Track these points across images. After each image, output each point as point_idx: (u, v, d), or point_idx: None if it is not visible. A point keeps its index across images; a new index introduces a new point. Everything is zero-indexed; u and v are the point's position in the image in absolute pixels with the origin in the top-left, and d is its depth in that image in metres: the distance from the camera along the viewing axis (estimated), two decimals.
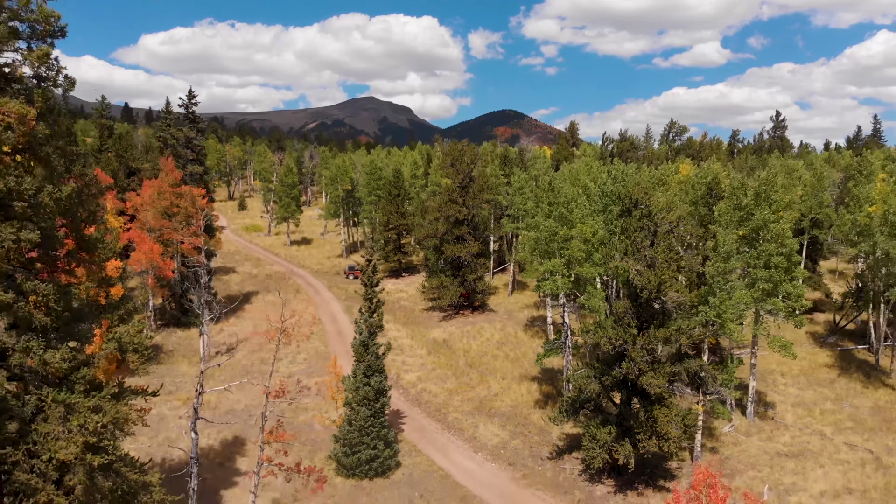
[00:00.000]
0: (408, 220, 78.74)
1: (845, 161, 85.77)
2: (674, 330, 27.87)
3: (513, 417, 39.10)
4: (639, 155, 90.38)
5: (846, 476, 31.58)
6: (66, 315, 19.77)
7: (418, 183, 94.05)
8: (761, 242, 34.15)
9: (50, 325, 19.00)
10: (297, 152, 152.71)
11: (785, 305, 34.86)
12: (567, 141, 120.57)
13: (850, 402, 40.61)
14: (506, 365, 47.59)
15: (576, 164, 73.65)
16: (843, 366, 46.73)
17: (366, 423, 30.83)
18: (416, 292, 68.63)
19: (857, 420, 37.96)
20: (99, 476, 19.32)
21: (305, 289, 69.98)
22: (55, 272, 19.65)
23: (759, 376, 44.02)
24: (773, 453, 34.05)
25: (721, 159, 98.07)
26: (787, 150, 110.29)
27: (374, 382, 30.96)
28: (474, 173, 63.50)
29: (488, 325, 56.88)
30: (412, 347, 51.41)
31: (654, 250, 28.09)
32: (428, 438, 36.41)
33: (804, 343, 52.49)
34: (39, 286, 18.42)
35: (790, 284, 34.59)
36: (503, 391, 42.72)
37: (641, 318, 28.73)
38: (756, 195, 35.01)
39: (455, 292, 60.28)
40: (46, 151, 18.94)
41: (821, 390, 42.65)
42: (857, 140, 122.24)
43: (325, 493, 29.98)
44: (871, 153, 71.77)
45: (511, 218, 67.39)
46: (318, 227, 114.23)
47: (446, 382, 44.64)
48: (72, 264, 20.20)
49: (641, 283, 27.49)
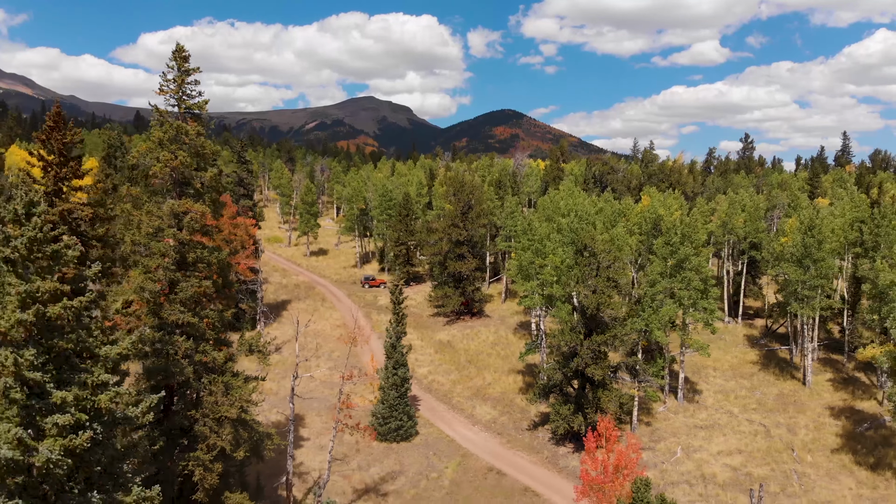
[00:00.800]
0: (415, 236, 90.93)
1: (798, 183, 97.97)
2: (610, 336, 40.10)
3: (501, 401, 51.39)
4: (618, 177, 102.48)
5: (740, 442, 43.80)
6: (220, 328, 32.02)
7: (423, 200, 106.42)
8: (684, 270, 46.28)
9: (213, 336, 31.24)
10: (309, 165, 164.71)
11: (702, 316, 47.02)
12: (557, 159, 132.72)
13: (762, 391, 52.87)
14: (497, 361, 59.86)
15: (560, 190, 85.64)
16: (765, 362, 58.95)
17: (394, 402, 43.09)
18: (423, 300, 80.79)
19: (762, 403, 50.20)
20: (241, 428, 31.51)
21: (329, 298, 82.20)
22: (215, 301, 31.88)
23: (696, 370, 56.28)
24: (691, 426, 46.29)
25: (694, 181, 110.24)
26: (754, 170, 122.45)
27: (401, 373, 43.21)
28: (472, 202, 75.66)
29: (484, 329, 69.15)
30: (423, 347, 63.66)
31: (597, 280, 40.30)
32: (438, 415, 48.70)
33: (740, 344, 64.73)
34: (210, 312, 30.67)
35: (705, 301, 46.72)
36: (495, 381, 54.99)
37: (588, 328, 40.95)
38: (682, 235, 47.17)
39: (456, 301, 72.52)
40: (210, 230, 31.18)
41: (741, 381, 54.92)
42: (821, 159, 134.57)
43: (367, 452, 42.30)
44: (825, 174, 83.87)
45: (504, 237, 79.65)
46: (332, 238, 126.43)
47: (450, 375, 56.94)
48: (222, 297, 32.45)
49: (587, 303, 39.71)
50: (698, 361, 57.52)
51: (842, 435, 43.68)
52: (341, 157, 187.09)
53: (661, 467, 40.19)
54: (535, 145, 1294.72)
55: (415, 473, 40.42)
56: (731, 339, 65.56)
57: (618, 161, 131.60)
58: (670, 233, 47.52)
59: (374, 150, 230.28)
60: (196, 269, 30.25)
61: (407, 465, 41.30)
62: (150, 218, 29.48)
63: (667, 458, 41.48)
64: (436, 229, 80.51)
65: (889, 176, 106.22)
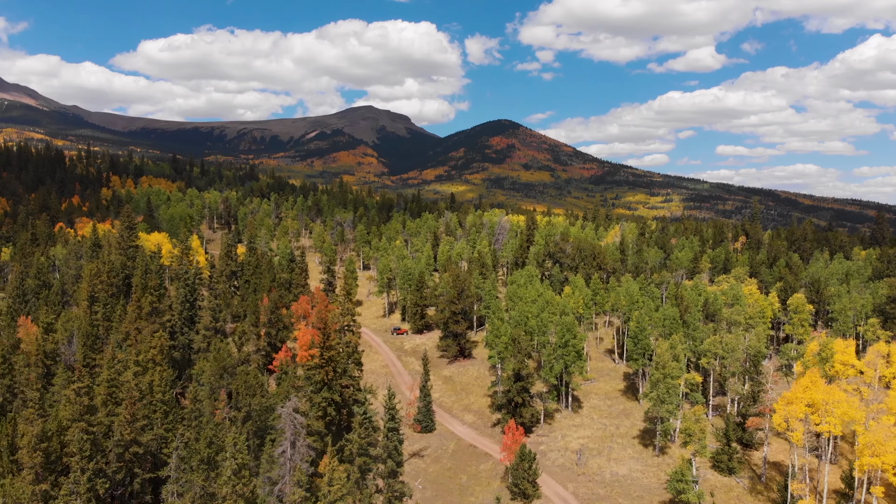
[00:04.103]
0: (427, 299, 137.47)
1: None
2: (527, 382, 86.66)
3: (478, 412, 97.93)
4: (567, 253, 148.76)
5: (590, 431, 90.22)
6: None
7: (430, 269, 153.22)
8: (567, 345, 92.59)
9: (338, 419, 77.62)
10: (340, 226, 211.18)
11: (577, 367, 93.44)
12: (531, 227, 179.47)
13: (615, 407, 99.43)
14: (478, 389, 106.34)
15: (522, 273, 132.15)
16: (625, 390, 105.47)
17: (425, 412, 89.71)
18: (433, 345, 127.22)
19: (611, 413, 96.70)
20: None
21: (374, 345, 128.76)
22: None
23: (585, 394, 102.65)
24: (570, 424, 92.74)
25: (623, 253, 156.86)
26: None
27: (427, 399, 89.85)
28: (464, 287, 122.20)
29: (472, 368, 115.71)
30: (434, 381, 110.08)
31: (520, 355, 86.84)
32: (445, 419, 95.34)
33: (618, 378, 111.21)
34: (329, 408, 77.12)
35: (580, 361, 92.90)
36: (475, 401, 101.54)
37: (517, 375, 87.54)
38: (572, 333, 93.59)
39: (454, 349, 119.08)
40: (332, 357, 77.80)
41: (607, 401, 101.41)
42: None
43: (413, 437, 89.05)
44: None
45: (484, 306, 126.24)
46: (363, 287, 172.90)
47: (451, 397, 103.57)
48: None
49: (514, 366, 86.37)
50: (589, 389, 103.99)
51: (641, 430, 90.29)
52: (360, 212, 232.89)
53: (547, 444, 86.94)
54: (530, 155, 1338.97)
55: (435, 447, 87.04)
56: (614, 375, 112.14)
57: (576, 221, 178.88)
58: (563, 330, 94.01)
59: (383, 200, 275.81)
60: (329, 387, 76.57)
61: (431, 443, 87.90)
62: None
63: (552, 439, 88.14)
64: (440, 303, 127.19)
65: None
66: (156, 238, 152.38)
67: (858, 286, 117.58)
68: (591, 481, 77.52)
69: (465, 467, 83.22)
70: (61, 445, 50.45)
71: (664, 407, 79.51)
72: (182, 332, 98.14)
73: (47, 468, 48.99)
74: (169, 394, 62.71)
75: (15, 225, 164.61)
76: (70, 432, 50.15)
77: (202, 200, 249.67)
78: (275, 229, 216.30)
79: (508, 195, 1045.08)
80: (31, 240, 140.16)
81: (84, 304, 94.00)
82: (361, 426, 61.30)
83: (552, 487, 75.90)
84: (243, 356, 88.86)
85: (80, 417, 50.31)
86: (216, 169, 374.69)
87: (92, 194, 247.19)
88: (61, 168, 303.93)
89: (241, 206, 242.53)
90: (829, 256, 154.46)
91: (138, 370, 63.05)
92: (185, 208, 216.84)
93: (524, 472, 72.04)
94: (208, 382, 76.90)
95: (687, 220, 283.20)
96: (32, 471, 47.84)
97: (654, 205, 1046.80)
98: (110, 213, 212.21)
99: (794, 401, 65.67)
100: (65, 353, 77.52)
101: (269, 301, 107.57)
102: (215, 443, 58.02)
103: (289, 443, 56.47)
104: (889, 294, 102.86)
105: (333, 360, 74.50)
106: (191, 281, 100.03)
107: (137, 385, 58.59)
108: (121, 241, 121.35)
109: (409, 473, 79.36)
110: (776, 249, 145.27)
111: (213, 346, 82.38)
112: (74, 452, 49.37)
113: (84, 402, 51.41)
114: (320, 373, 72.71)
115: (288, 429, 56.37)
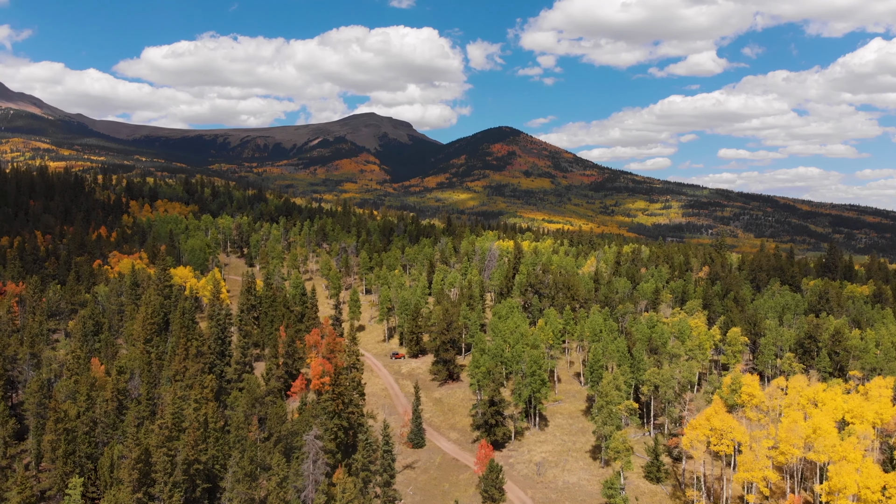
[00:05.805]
0: (422, 328, 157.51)
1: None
2: (501, 406, 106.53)
3: (462, 430, 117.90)
4: (547, 284, 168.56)
5: (552, 446, 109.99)
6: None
7: (425, 297, 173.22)
8: (534, 374, 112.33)
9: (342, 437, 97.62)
10: (345, 252, 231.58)
11: (543, 394, 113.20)
12: (516, 258, 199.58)
13: (575, 424, 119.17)
14: (462, 409, 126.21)
15: (505, 304, 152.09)
16: (585, 410, 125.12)
17: (416, 430, 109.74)
18: (426, 369, 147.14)
19: (570, 430, 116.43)
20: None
21: (375, 369, 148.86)
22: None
23: (552, 414, 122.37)
24: (536, 441, 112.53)
25: (596, 282, 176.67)
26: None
27: (418, 420, 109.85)
28: (452, 319, 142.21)
29: (459, 390, 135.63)
30: (426, 401, 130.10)
31: (494, 384, 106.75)
32: (433, 437, 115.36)
33: (582, 400, 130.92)
34: (339, 432, 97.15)
35: (545, 388, 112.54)
36: (460, 420, 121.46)
37: (491, 401, 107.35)
38: (537, 363, 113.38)
39: (444, 373, 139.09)
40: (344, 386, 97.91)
41: (570, 420, 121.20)
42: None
43: (406, 452, 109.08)
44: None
45: (469, 335, 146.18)
46: (366, 313, 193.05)
47: (440, 417, 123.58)
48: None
49: (490, 393, 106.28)
50: (555, 409, 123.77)
51: (592, 446, 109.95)
52: (363, 237, 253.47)
53: (515, 457, 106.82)
54: (531, 162, 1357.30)
55: (424, 460, 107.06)
56: (579, 396, 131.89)
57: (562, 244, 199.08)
58: (531, 361, 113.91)
59: (384, 223, 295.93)
60: (336, 416, 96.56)
61: (421, 457, 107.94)
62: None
63: (520, 453, 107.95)
64: (433, 332, 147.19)
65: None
66: (181, 273, 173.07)
67: (790, 320, 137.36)
68: (547, 488, 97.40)
69: (447, 477, 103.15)
70: (149, 465, 70.24)
71: (607, 428, 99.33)
72: (214, 364, 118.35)
73: (140, 482, 68.82)
74: (219, 423, 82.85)
75: (59, 263, 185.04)
76: (155, 454, 70.05)
77: (217, 227, 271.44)
78: (284, 253, 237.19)
79: (509, 202, 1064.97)
80: (76, 279, 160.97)
81: (140, 345, 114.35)
82: (364, 449, 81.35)
83: (515, 493, 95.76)
84: (270, 388, 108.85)
85: (162, 444, 70.21)
86: (226, 190, 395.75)
87: (115, 221, 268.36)
88: (82, 193, 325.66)
89: (253, 233, 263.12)
90: (780, 285, 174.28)
91: (196, 406, 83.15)
92: (203, 237, 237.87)
93: (492, 481, 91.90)
94: (242, 409, 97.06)
95: (671, 240, 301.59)
96: (131, 484, 67.65)
97: (654, 211, 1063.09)
98: (135, 241, 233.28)
99: (697, 427, 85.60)
100: (132, 390, 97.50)
101: (287, 335, 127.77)
102: (254, 461, 78.15)
103: (311, 461, 76.54)
104: (807, 331, 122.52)
105: (342, 395, 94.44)
106: (222, 321, 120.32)
107: (197, 418, 78.61)
108: (158, 282, 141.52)
109: (402, 482, 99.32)
110: (729, 282, 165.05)
111: (245, 380, 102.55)
112: (159, 470, 69.27)
113: (165, 433, 71.35)
114: (332, 405, 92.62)
115: (311, 450, 76.46)
